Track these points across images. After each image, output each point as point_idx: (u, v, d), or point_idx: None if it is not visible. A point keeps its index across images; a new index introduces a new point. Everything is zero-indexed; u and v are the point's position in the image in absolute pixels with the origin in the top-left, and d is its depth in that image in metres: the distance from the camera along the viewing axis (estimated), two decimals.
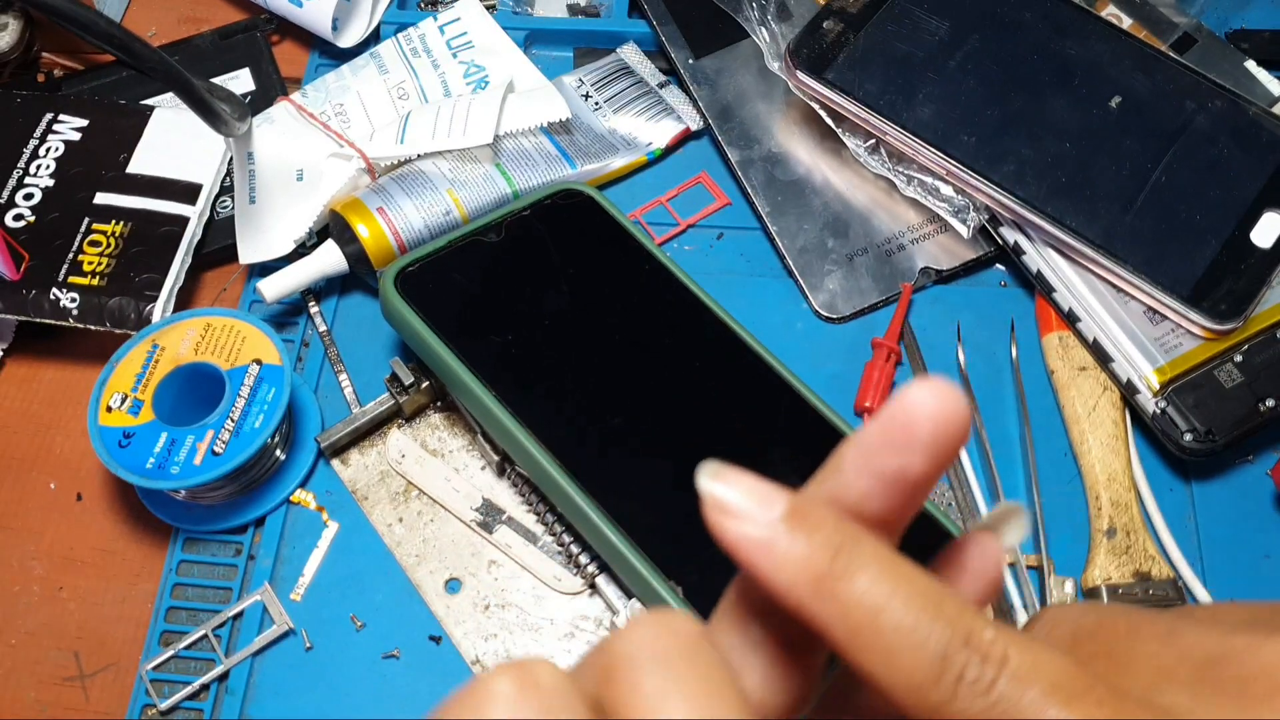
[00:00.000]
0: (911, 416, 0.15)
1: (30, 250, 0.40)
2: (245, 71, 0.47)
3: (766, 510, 0.15)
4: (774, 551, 0.15)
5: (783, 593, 0.15)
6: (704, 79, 0.45)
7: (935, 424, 0.15)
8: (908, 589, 0.15)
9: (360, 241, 0.39)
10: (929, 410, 0.15)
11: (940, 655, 0.14)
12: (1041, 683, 0.14)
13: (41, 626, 0.35)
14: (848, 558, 0.15)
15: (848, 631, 0.14)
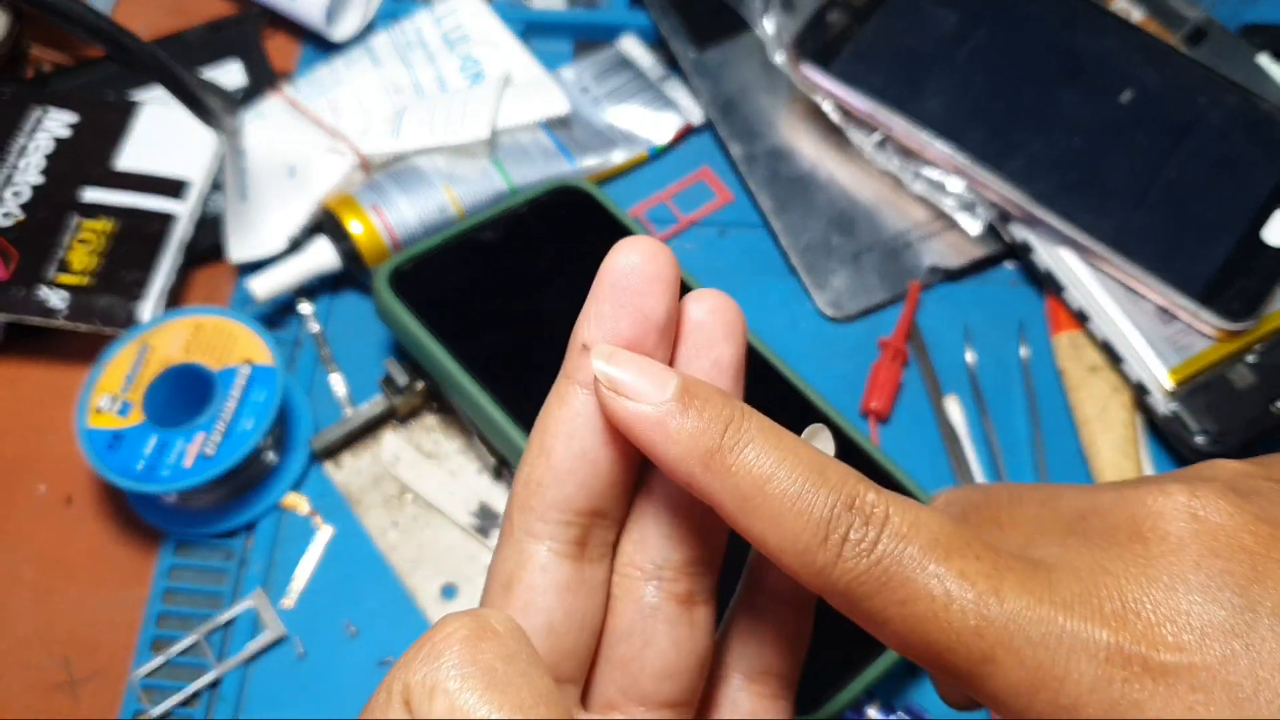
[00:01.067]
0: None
1: (19, 248, 0.39)
2: (237, 65, 0.46)
3: (660, 390, 0.16)
4: (668, 429, 0.15)
5: (674, 467, 0.16)
6: (706, 72, 0.44)
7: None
8: (793, 459, 0.15)
9: (354, 239, 0.38)
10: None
11: (824, 519, 0.15)
12: (921, 539, 0.15)
13: (31, 632, 0.35)
14: (736, 431, 0.15)
15: (738, 501, 0.15)
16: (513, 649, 0.14)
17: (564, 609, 0.17)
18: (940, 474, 0.37)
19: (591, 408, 0.16)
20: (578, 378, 0.17)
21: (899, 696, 0.33)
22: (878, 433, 0.37)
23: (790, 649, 0.19)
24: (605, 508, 0.17)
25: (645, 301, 0.16)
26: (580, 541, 0.17)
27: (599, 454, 0.17)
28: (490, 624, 0.14)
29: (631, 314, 0.16)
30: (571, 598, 0.17)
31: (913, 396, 0.38)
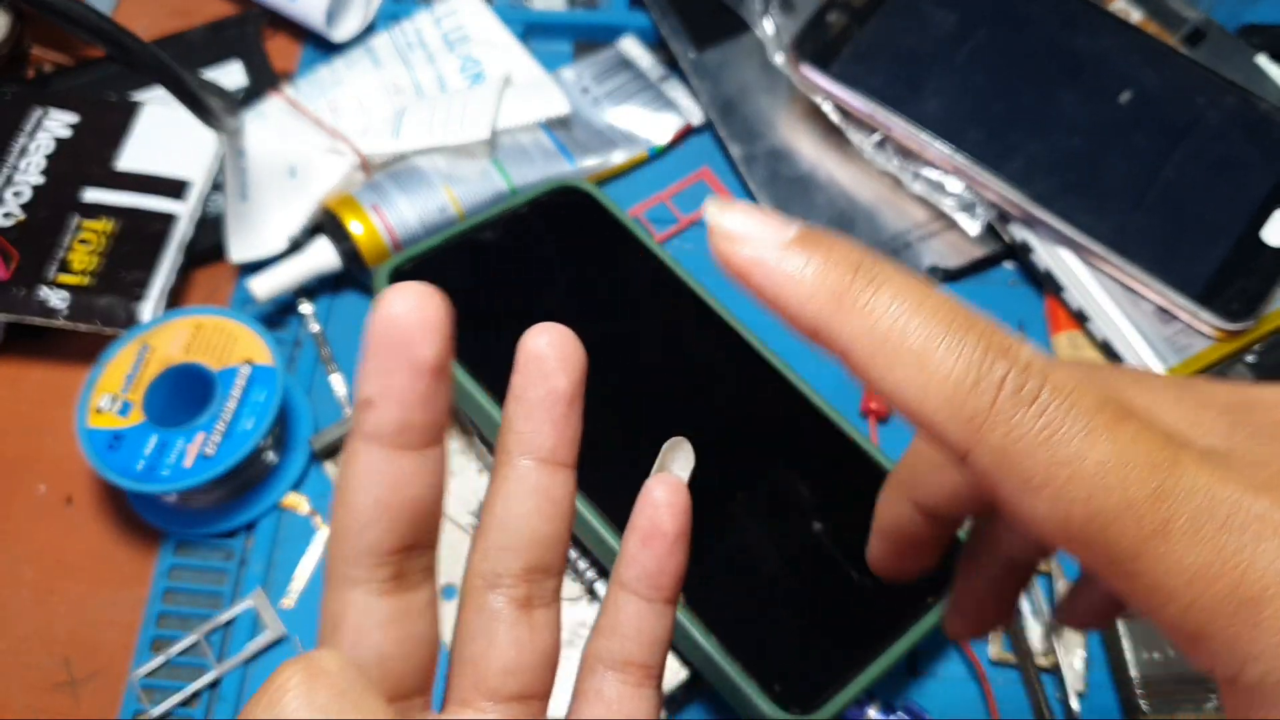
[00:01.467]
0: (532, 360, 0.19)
1: (19, 248, 0.39)
2: (237, 65, 0.46)
3: (780, 233, 0.15)
4: (792, 270, 0.15)
5: (800, 311, 0.15)
6: (706, 73, 0.44)
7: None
8: (934, 300, 0.14)
9: (354, 239, 0.39)
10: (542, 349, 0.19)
11: (976, 361, 0.13)
12: (1088, 397, 0.13)
13: (32, 632, 0.35)
14: (869, 271, 0.14)
15: (874, 344, 0.14)
16: (344, 685, 0.15)
17: (391, 639, 0.18)
18: None
19: (381, 459, 0.17)
20: (364, 431, 0.17)
21: (899, 696, 0.33)
22: (877, 432, 0.37)
23: (647, 640, 0.20)
24: (412, 542, 0.18)
25: (415, 350, 0.16)
26: (395, 577, 0.18)
27: (393, 499, 0.17)
28: (321, 665, 0.15)
29: (403, 364, 0.16)
30: (396, 628, 0.18)
31: None
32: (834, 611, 0.31)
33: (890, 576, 0.22)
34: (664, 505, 0.20)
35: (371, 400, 0.17)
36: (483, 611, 0.19)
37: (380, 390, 0.17)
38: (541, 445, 0.19)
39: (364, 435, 0.17)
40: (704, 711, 0.33)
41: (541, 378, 0.19)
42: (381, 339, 0.16)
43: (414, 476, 0.17)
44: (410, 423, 0.17)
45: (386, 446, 0.17)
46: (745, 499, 0.33)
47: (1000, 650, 0.33)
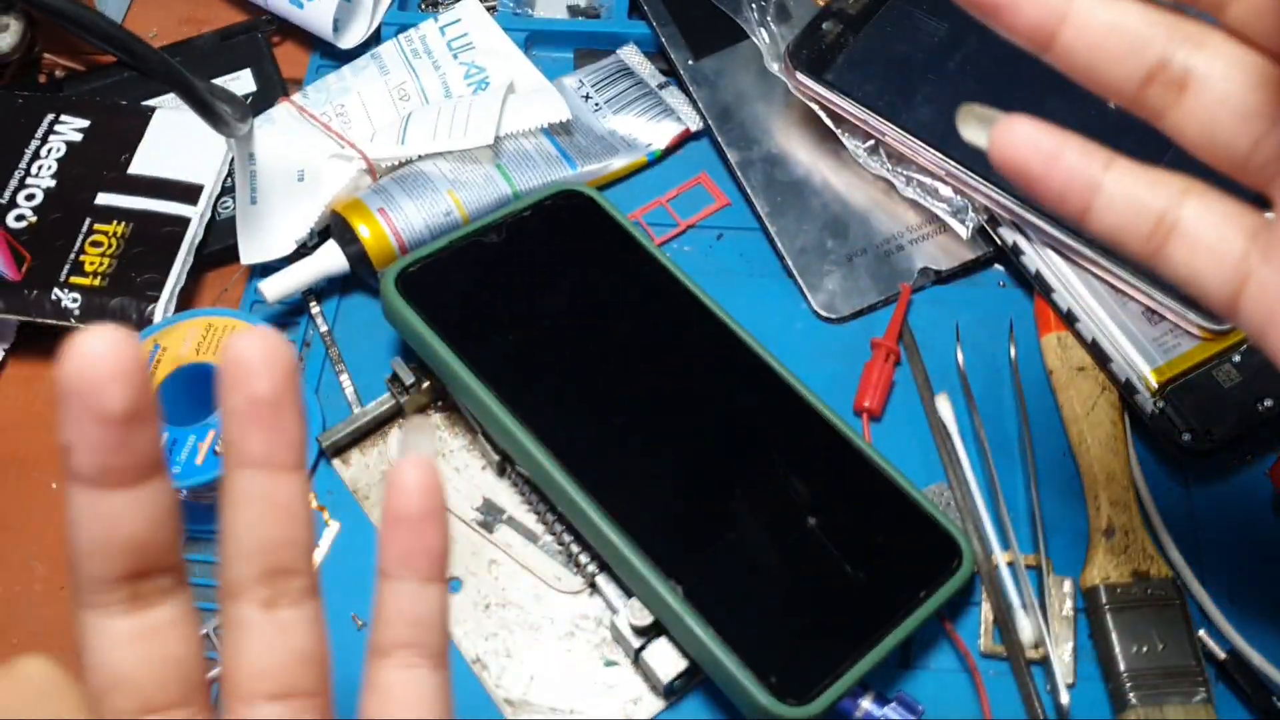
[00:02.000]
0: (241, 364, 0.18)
1: (32, 251, 0.40)
2: (246, 72, 0.47)
3: None
4: None
5: None
6: (704, 80, 0.45)
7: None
8: None
9: (361, 242, 0.39)
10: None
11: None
12: None
13: (44, 627, 0.35)
14: None
15: None
16: (41, 689, 0.15)
17: (136, 657, 0.18)
18: (932, 470, 0.37)
19: (90, 499, 0.17)
20: (69, 473, 0.17)
21: (892, 688, 0.33)
22: (870, 431, 0.38)
23: (409, 620, 0.20)
24: (141, 569, 0.18)
25: (102, 401, 0.16)
26: (131, 598, 0.18)
27: (111, 535, 0.17)
28: (20, 672, 0.15)
29: (91, 413, 0.16)
30: (139, 646, 0.18)
31: (904, 395, 0.39)
32: (828, 604, 0.32)
33: None
34: (410, 486, 0.20)
35: (68, 447, 0.17)
36: (231, 621, 0.19)
37: (74, 437, 0.17)
38: (253, 453, 0.18)
39: (69, 477, 0.17)
40: (700, 703, 0.33)
41: (241, 385, 0.18)
42: (69, 389, 0.16)
43: (128, 512, 0.17)
44: (110, 466, 0.17)
45: (92, 487, 0.17)
46: (742, 495, 0.34)
47: (991, 643, 0.34)
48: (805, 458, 0.35)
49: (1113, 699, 0.33)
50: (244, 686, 0.19)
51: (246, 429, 0.18)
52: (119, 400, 0.16)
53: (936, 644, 0.34)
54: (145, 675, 0.18)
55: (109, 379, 0.16)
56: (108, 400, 0.16)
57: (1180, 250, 0.19)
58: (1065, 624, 0.34)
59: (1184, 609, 0.34)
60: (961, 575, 0.33)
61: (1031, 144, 0.20)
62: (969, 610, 0.35)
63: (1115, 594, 0.34)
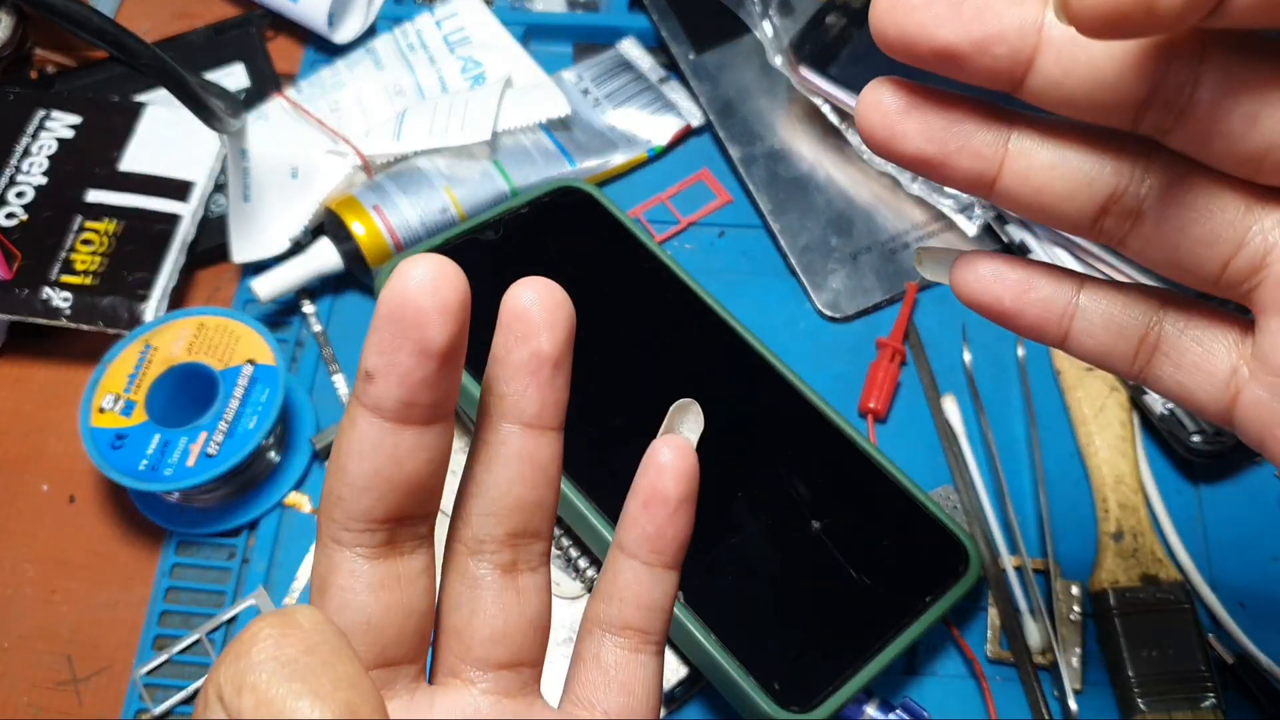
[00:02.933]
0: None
1: (22, 249, 0.39)
2: (240, 67, 0.47)
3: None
4: None
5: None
6: (705, 74, 0.45)
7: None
8: None
9: (356, 240, 0.39)
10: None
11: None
12: None
13: (34, 630, 0.35)
14: None
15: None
16: (315, 641, 0.14)
17: (379, 604, 0.17)
18: (938, 473, 0.37)
19: (380, 431, 0.17)
20: (363, 402, 0.16)
21: (897, 694, 0.33)
22: (875, 432, 0.38)
23: (645, 604, 0.20)
24: (406, 513, 0.17)
25: (424, 332, 0.16)
26: (387, 543, 0.17)
27: (392, 472, 0.17)
28: (295, 620, 0.15)
29: (410, 344, 0.16)
30: (385, 593, 0.17)
31: (910, 396, 0.39)
32: (833, 610, 0.31)
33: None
34: (669, 469, 0.20)
35: (372, 374, 0.16)
36: (466, 578, 0.19)
37: (383, 367, 0.16)
38: (525, 410, 0.18)
39: (363, 405, 0.16)
40: (703, 709, 0.33)
41: (524, 339, 0.18)
42: (390, 314, 0.15)
43: (413, 452, 0.17)
44: (413, 402, 0.16)
45: (387, 420, 0.16)
46: (745, 498, 0.33)
47: (998, 648, 0.33)
48: (809, 460, 0.34)
49: (1121, 704, 0.32)
50: (476, 650, 0.18)
51: (525, 384, 0.18)
52: (442, 335, 0.16)
53: (943, 649, 0.34)
54: (387, 624, 0.17)
55: (436, 310, 0.15)
56: (431, 332, 0.15)
57: (1167, 368, 0.18)
58: (1073, 629, 0.33)
59: (1193, 613, 0.33)
60: (968, 580, 0.32)
61: (997, 279, 0.18)
62: (976, 615, 0.34)
63: (1124, 598, 0.33)
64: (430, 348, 0.16)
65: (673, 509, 0.20)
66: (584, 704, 0.19)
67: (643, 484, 0.20)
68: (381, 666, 0.18)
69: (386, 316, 0.16)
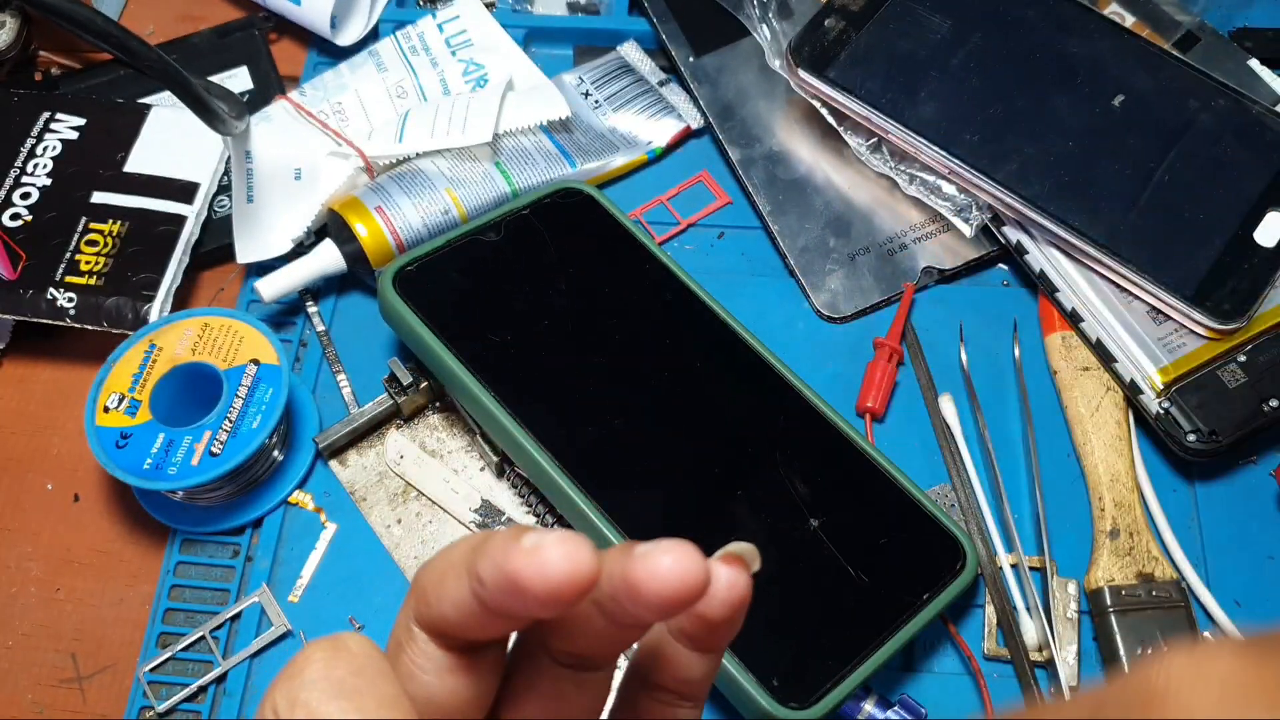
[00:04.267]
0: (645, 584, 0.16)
1: (27, 250, 0.40)
2: (243, 70, 0.47)
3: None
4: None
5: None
6: (705, 77, 0.45)
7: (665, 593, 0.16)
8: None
9: (359, 241, 0.39)
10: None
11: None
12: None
13: (39, 628, 0.35)
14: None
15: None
16: (362, 664, 0.16)
17: (445, 687, 0.18)
18: (935, 472, 0.37)
19: (513, 604, 0.16)
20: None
21: (895, 691, 0.33)
22: (873, 431, 0.38)
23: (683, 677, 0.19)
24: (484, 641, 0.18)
25: (530, 602, 0.15)
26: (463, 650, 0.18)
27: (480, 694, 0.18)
28: (345, 644, 0.16)
29: (515, 603, 0.15)
30: (452, 678, 0.18)
31: (908, 396, 0.39)
32: (831, 607, 0.32)
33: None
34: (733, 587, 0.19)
35: (483, 580, 0.16)
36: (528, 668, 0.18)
37: (476, 589, 0.16)
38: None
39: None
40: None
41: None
42: (526, 575, 0.15)
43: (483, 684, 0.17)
44: (481, 634, 0.17)
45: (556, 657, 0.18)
46: (744, 496, 0.33)
47: (994, 645, 0.34)
48: (807, 459, 0.34)
49: None
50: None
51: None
52: (545, 611, 0.15)
53: (940, 647, 0.34)
54: (451, 708, 0.18)
55: (561, 595, 0.15)
56: (536, 607, 0.15)
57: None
58: (1069, 626, 0.34)
59: (1188, 611, 0.33)
60: (965, 577, 0.32)
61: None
62: (972, 613, 0.35)
63: (1120, 596, 0.34)
64: (525, 616, 0.16)
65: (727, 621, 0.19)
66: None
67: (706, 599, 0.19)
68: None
69: (525, 574, 0.15)
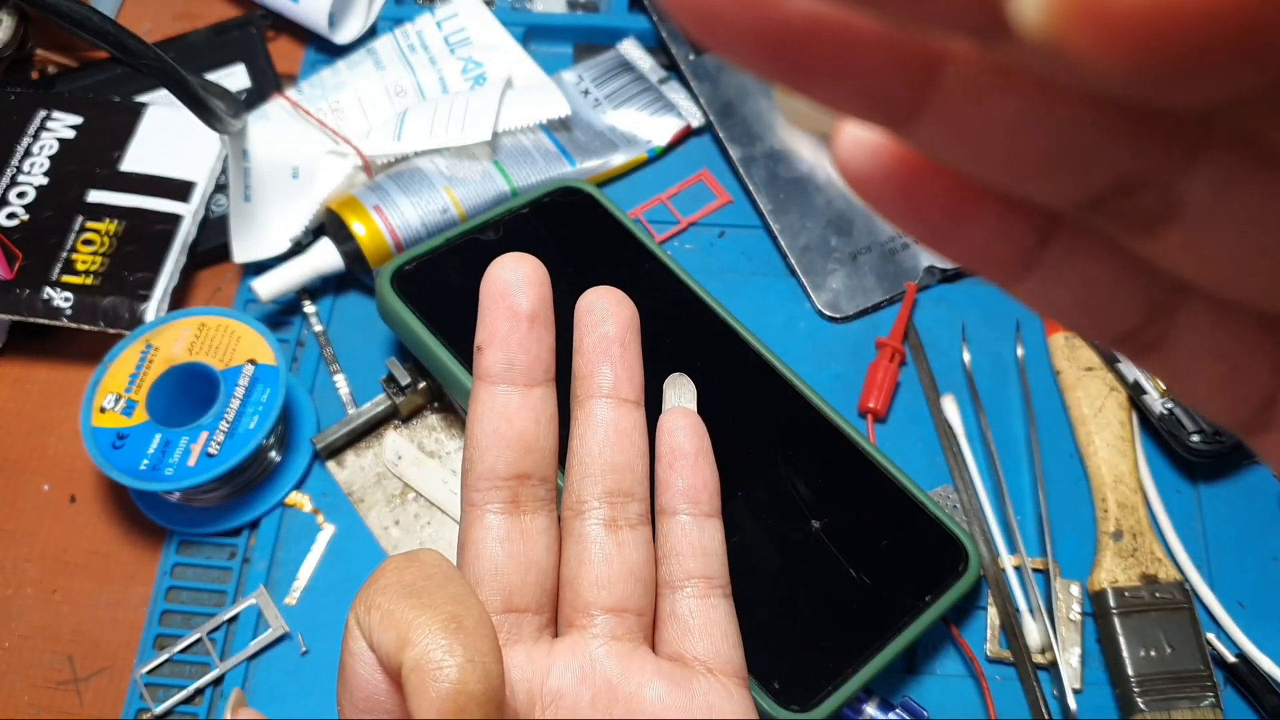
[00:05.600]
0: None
1: (23, 249, 0.39)
2: (240, 68, 0.47)
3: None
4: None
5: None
6: (705, 75, 0.45)
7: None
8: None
9: (356, 240, 0.39)
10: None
11: None
12: None
13: (35, 630, 0.35)
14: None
15: None
16: (431, 570, 0.18)
17: (506, 554, 0.20)
18: (938, 473, 0.37)
19: (493, 394, 0.21)
20: (479, 375, 0.21)
21: (897, 694, 0.33)
22: (875, 432, 0.38)
23: (699, 552, 0.22)
24: (526, 470, 0.21)
25: (513, 300, 0.20)
26: (512, 501, 0.21)
27: (505, 429, 0.20)
28: (416, 556, 0.18)
29: (503, 311, 0.20)
30: (510, 544, 0.20)
31: (910, 396, 0.39)
32: (832, 609, 0.31)
33: None
34: (678, 429, 0.22)
35: (481, 346, 0.21)
36: (574, 537, 0.21)
37: (487, 336, 0.21)
38: (602, 384, 0.22)
39: (478, 377, 0.21)
40: None
41: (592, 327, 0.22)
42: (488, 294, 0.21)
43: (520, 410, 0.20)
44: (513, 362, 0.20)
45: (497, 384, 0.21)
46: (744, 498, 0.33)
47: (997, 647, 0.33)
48: (808, 460, 0.34)
49: (1120, 704, 0.32)
50: (584, 597, 0.21)
51: (597, 363, 0.22)
52: (527, 301, 0.21)
53: (942, 649, 0.34)
54: (511, 571, 0.20)
55: (520, 284, 0.21)
56: (518, 300, 0.20)
57: (1172, 374, 0.11)
58: (1072, 628, 0.33)
59: (1192, 612, 0.33)
60: (967, 579, 0.32)
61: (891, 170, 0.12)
62: (975, 614, 0.34)
63: (1123, 598, 0.33)
64: (520, 311, 0.20)
65: (693, 459, 0.22)
66: (674, 658, 0.21)
67: (661, 449, 0.22)
68: (509, 612, 0.20)
69: (485, 296, 0.21)
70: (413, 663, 0.16)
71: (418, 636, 0.16)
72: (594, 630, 0.20)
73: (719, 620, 0.21)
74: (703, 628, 0.21)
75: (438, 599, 0.16)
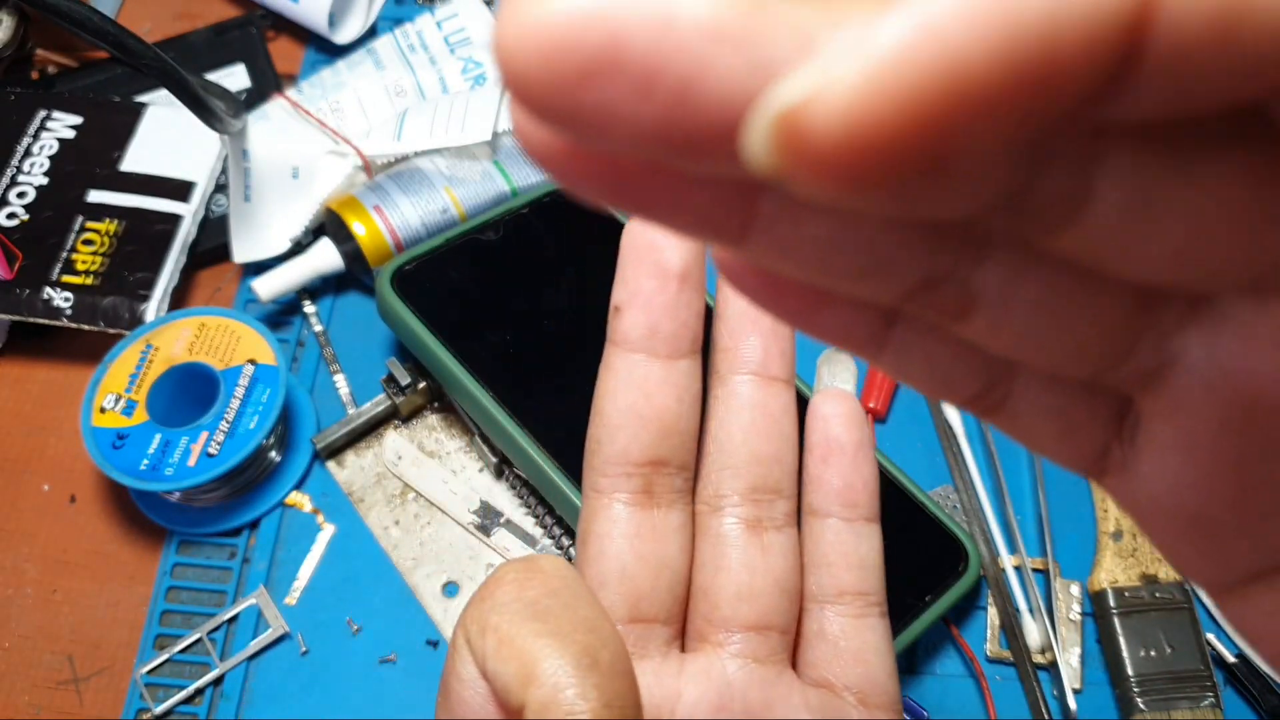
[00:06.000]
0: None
1: (23, 249, 0.39)
2: (240, 68, 0.47)
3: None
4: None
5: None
6: None
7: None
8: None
9: (356, 240, 0.39)
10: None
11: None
12: None
13: (35, 630, 0.35)
14: None
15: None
16: (556, 585, 0.15)
17: (634, 553, 0.17)
18: (938, 473, 0.37)
19: (631, 365, 0.17)
20: (614, 340, 0.17)
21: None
22: (876, 432, 0.38)
23: (855, 564, 0.19)
24: (663, 456, 0.17)
25: (660, 255, 0.17)
26: (645, 490, 0.17)
27: (643, 406, 0.17)
28: (538, 564, 0.15)
29: (649, 268, 0.17)
30: (641, 543, 0.17)
31: (910, 396, 0.39)
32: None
33: None
34: (834, 416, 0.19)
35: (619, 306, 0.17)
36: (710, 536, 0.18)
37: (628, 296, 0.17)
38: (749, 358, 0.18)
39: (614, 341, 0.17)
40: None
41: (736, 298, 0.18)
42: (630, 248, 0.17)
43: (661, 386, 0.17)
44: (656, 328, 0.17)
45: (635, 352, 0.17)
46: None
47: (997, 647, 0.33)
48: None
49: (1120, 704, 0.32)
50: (723, 609, 0.18)
51: (743, 333, 0.18)
52: (677, 257, 0.17)
53: (942, 649, 0.34)
54: (641, 575, 0.17)
55: (668, 237, 0.16)
56: (668, 255, 0.17)
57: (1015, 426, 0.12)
58: (1072, 628, 0.33)
59: (1192, 612, 0.33)
60: (967, 579, 0.32)
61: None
62: (975, 615, 0.34)
63: (1123, 598, 0.33)
64: (669, 268, 0.17)
65: (851, 455, 0.19)
66: (821, 685, 0.18)
67: (813, 439, 0.19)
68: (635, 622, 0.17)
69: (628, 248, 0.17)
70: (540, 704, 0.13)
71: (545, 673, 0.13)
72: (731, 649, 0.18)
73: (875, 644, 0.18)
74: (856, 652, 0.18)
75: (566, 625, 0.14)
